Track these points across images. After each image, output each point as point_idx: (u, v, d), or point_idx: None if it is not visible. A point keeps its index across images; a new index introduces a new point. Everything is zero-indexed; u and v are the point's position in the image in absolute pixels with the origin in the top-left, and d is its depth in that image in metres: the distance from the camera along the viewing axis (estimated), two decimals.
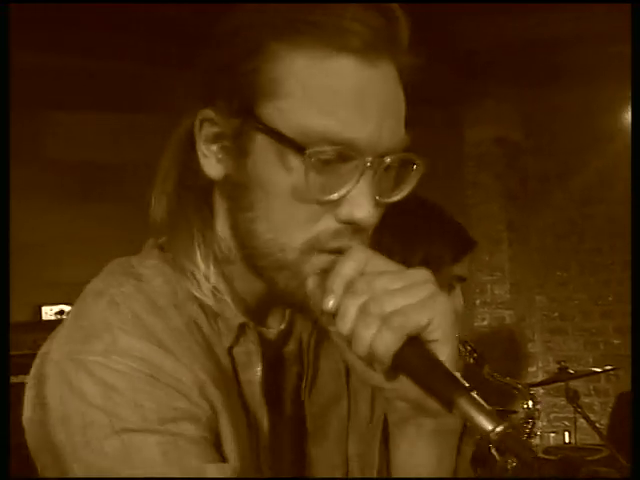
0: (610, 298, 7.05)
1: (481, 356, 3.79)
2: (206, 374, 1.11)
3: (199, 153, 1.15)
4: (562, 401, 6.55)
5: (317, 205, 1.09)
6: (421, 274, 1.06)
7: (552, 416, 7.20)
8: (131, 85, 5.48)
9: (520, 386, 4.10)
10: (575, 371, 4.75)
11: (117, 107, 5.57)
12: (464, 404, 0.96)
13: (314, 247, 1.10)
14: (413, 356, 1.01)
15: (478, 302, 7.00)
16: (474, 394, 0.97)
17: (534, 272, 7.20)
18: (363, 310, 1.02)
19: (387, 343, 1.00)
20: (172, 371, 1.08)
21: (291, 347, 1.29)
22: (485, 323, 7.00)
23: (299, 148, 1.05)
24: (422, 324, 1.01)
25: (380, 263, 1.07)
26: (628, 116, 6.52)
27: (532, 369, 7.10)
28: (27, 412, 1.16)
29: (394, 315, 1.00)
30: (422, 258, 2.38)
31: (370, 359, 1.03)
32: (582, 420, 4.60)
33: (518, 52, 6.40)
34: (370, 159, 1.07)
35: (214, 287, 1.18)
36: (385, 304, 1.01)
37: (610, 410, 6.47)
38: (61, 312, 4.95)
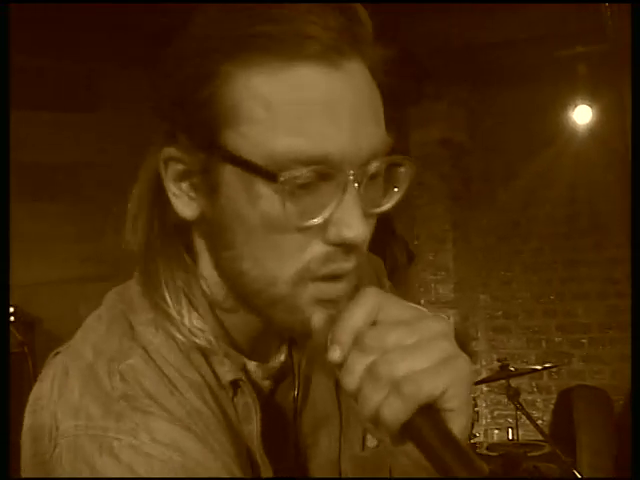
0: (552, 297, 7.15)
1: None
2: (226, 452, 1.04)
3: (169, 193, 1.05)
4: (505, 398, 6.64)
5: (301, 232, 0.98)
6: (439, 327, 0.94)
7: (496, 413, 7.28)
8: (85, 84, 5.45)
9: None
10: (516, 368, 4.83)
11: (71, 107, 5.53)
12: None
13: (306, 277, 1.01)
14: (424, 426, 0.90)
15: (423, 301, 7.05)
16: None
17: (478, 271, 7.27)
18: (371, 371, 0.91)
19: (396, 412, 0.89)
20: (202, 459, 0.99)
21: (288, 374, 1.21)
22: None
23: (270, 175, 0.95)
24: (436, 393, 0.90)
25: (394, 309, 0.95)
26: (570, 118, 6.61)
27: (476, 367, 7.17)
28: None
29: (405, 381, 0.89)
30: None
31: (375, 423, 0.92)
32: (525, 417, 4.67)
33: (464, 54, 6.47)
34: (352, 172, 0.97)
35: (202, 331, 1.09)
36: (396, 367, 0.90)
37: (552, 407, 6.59)
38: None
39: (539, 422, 4.87)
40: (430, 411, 0.90)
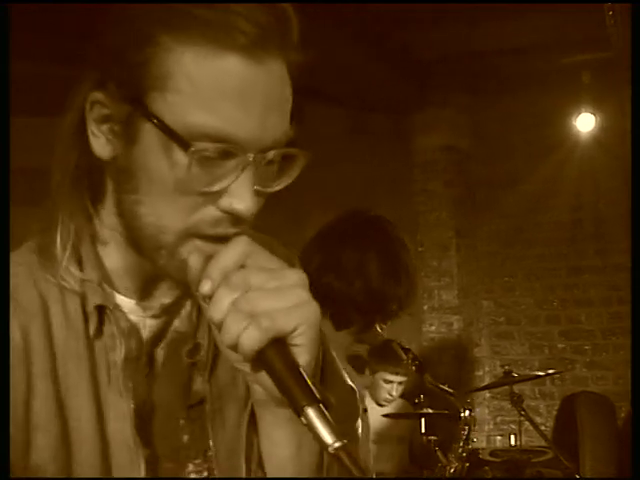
0: (555, 303, 7.16)
1: (421, 364, 3.89)
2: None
3: (89, 132, 1.16)
4: (508, 404, 6.65)
5: (198, 195, 1.12)
6: (297, 277, 1.11)
7: (499, 419, 7.29)
8: (60, 88, 5.46)
9: (457, 395, 4.23)
10: (519, 375, 4.84)
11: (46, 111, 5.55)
12: (311, 414, 1.01)
13: (193, 233, 1.14)
14: (275, 356, 1.06)
15: (426, 307, 7.06)
16: (322, 406, 1.02)
17: (481, 278, 7.28)
18: (235, 305, 1.06)
19: (252, 341, 1.05)
20: None
21: (180, 324, 1.30)
22: (433, 328, 7.05)
23: (183, 143, 1.08)
24: (288, 330, 1.07)
25: (261, 258, 1.11)
26: (574, 126, 6.63)
27: (479, 373, 7.19)
28: None
29: (263, 316, 1.05)
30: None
31: (234, 349, 1.07)
32: (528, 423, 4.68)
33: (468, 61, 6.49)
34: (252, 155, 1.10)
35: (69, 269, 1.22)
36: (256, 303, 1.06)
37: (555, 413, 6.59)
38: None
39: (542, 428, 4.87)
40: (281, 344, 1.07)
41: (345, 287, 2.44)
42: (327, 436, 1.00)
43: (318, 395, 1.04)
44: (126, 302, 1.26)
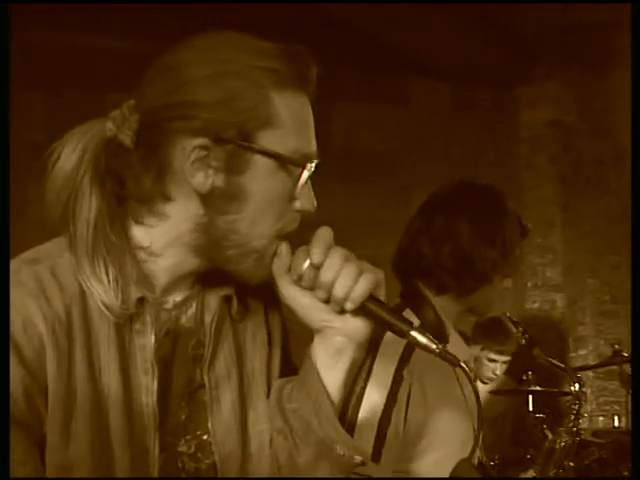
0: None
1: (532, 338, 3.83)
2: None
3: (186, 172, 1.43)
4: (612, 385, 6.53)
5: (286, 202, 1.49)
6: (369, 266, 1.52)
7: (601, 399, 7.17)
8: (123, 63, 5.49)
9: (568, 369, 4.16)
10: (629, 355, 4.73)
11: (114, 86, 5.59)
12: (414, 334, 1.47)
13: (279, 233, 1.50)
14: (374, 302, 1.48)
15: (529, 284, 6.98)
16: (417, 326, 1.48)
17: (586, 255, 7.15)
18: (345, 265, 1.46)
19: (363, 289, 1.46)
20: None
21: (186, 321, 1.58)
22: (536, 306, 6.98)
23: (299, 165, 1.47)
24: (382, 280, 1.50)
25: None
26: None
27: (583, 352, 7.07)
28: None
29: (366, 271, 1.47)
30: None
31: (341, 301, 1.47)
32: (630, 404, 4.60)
33: (575, 34, 6.38)
34: (314, 165, 1.49)
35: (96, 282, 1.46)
36: (359, 265, 1.47)
37: None
38: None
39: None
40: (373, 295, 1.49)
41: (435, 251, 2.52)
42: (431, 344, 1.46)
43: (407, 320, 1.49)
44: (150, 296, 1.50)
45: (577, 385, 4.04)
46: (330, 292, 1.47)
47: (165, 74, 1.46)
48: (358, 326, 1.52)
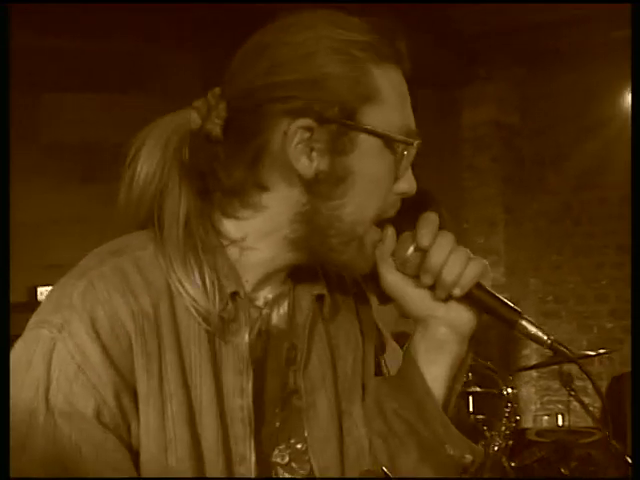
0: (604, 282, 7.08)
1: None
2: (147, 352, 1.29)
3: (290, 156, 1.33)
4: (555, 384, 6.57)
5: (390, 184, 1.38)
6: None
7: (545, 399, 7.24)
8: (129, 65, 5.46)
9: (500, 372, 4.21)
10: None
11: (114, 87, 5.55)
12: (524, 323, 1.38)
13: (379, 218, 1.40)
14: (482, 289, 1.40)
15: None
16: (526, 316, 1.40)
17: (529, 255, 7.21)
18: (454, 250, 1.38)
19: (475, 273, 1.38)
20: (97, 364, 1.25)
21: (278, 321, 1.46)
22: None
23: (404, 142, 1.35)
24: (488, 268, 1.42)
25: None
26: (625, 100, 6.52)
27: (526, 352, 7.12)
28: None
29: (474, 258, 1.40)
30: None
31: (449, 287, 1.38)
32: (575, 403, 4.62)
33: (517, 34, 6.40)
34: (416, 143, 1.37)
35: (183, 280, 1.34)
36: (466, 251, 1.40)
37: (604, 393, 6.51)
38: None
39: (590, 409, 4.80)
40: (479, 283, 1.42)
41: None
42: (541, 334, 1.38)
43: (515, 309, 1.40)
44: (242, 291, 1.39)
45: (510, 389, 4.07)
46: (437, 277, 1.39)
47: (258, 56, 1.36)
48: (463, 316, 1.43)
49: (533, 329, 1.38)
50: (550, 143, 7.12)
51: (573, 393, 4.54)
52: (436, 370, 1.46)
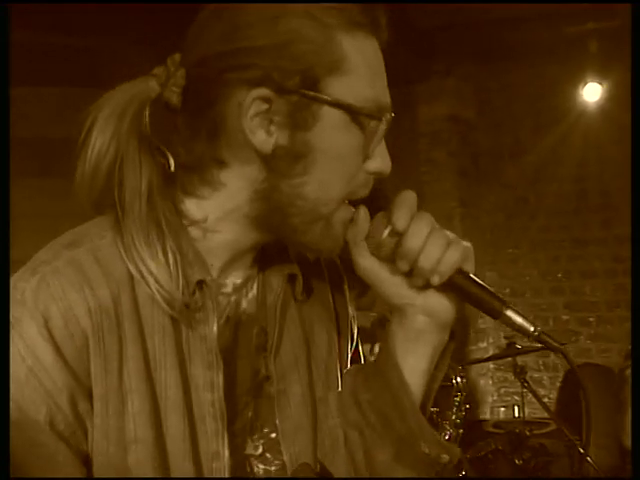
0: (559, 275, 7.14)
1: None
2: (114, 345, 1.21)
3: (246, 130, 1.23)
4: (512, 376, 6.63)
5: (359, 161, 1.27)
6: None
7: (502, 391, 7.29)
8: (86, 59, 5.43)
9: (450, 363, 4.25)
10: (522, 346, 4.79)
11: (73, 81, 5.52)
12: (509, 313, 1.27)
13: (348, 197, 1.29)
14: (463, 276, 1.29)
15: None
16: (511, 305, 1.29)
17: (485, 249, 7.25)
18: (432, 234, 1.26)
19: (454, 259, 1.26)
20: (50, 366, 1.18)
21: (247, 306, 1.38)
22: None
23: (374, 117, 1.24)
24: (470, 255, 1.29)
25: None
26: (580, 95, 6.59)
27: (483, 344, 7.17)
28: None
29: (455, 242, 1.27)
30: None
31: (427, 274, 1.27)
32: (531, 394, 4.67)
33: (473, 30, 6.43)
34: (388, 117, 1.26)
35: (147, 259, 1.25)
36: (448, 234, 1.28)
37: (559, 385, 6.58)
38: None
39: (545, 400, 4.86)
40: (461, 269, 1.29)
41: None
42: (527, 325, 1.26)
43: (500, 299, 1.29)
44: (209, 278, 1.30)
45: (459, 378, 4.11)
46: (414, 263, 1.27)
47: (216, 20, 1.26)
48: (443, 304, 1.32)
49: (519, 319, 1.27)
50: (506, 137, 7.16)
51: (526, 385, 4.58)
52: (414, 361, 1.36)
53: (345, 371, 1.48)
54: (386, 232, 1.30)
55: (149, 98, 1.28)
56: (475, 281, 1.30)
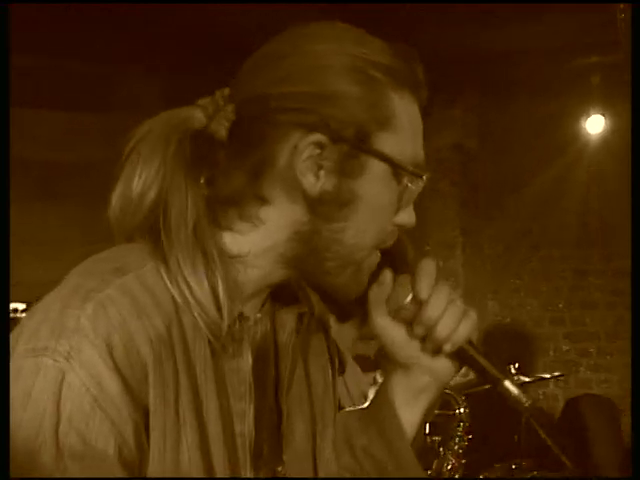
0: (560, 305, 7.15)
1: None
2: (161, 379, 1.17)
3: (297, 171, 1.26)
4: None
5: (392, 213, 1.33)
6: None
7: None
8: (92, 84, 5.48)
9: (452, 393, 4.26)
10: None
11: (81, 106, 5.56)
12: (507, 384, 1.38)
13: (378, 246, 1.35)
14: (471, 346, 1.40)
15: None
16: (510, 377, 1.38)
17: (487, 278, 7.27)
18: (450, 305, 1.38)
19: (467, 330, 1.38)
20: (116, 397, 1.13)
21: (261, 340, 1.39)
22: None
23: (416, 174, 1.31)
24: (477, 322, 1.40)
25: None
26: (583, 128, 6.62)
27: None
28: None
29: (467, 314, 1.39)
30: None
31: (441, 342, 1.38)
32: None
33: (477, 61, 6.47)
34: (425, 177, 1.33)
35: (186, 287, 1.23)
36: (461, 306, 1.39)
37: (558, 415, 6.57)
38: (15, 310, 4.92)
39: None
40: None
41: None
42: (522, 397, 1.37)
43: (500, 369, 1.39)
44: (247, 312, 1.33)
45: (462, 409, 4.12)
46: (430, 330, 1.38)
47: (272, 62, 1.29)
48: (447, 367, 1.44)
49: (515, 391, 1.38)
50: (509, 168, 7.17)
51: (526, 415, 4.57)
52: (412, 415, 1.46)
53: (338, 415, 1.53)
54: (408, 298, 1.40)
55: (193, 128, 1.30)
56: (479, 351, 1.41)
